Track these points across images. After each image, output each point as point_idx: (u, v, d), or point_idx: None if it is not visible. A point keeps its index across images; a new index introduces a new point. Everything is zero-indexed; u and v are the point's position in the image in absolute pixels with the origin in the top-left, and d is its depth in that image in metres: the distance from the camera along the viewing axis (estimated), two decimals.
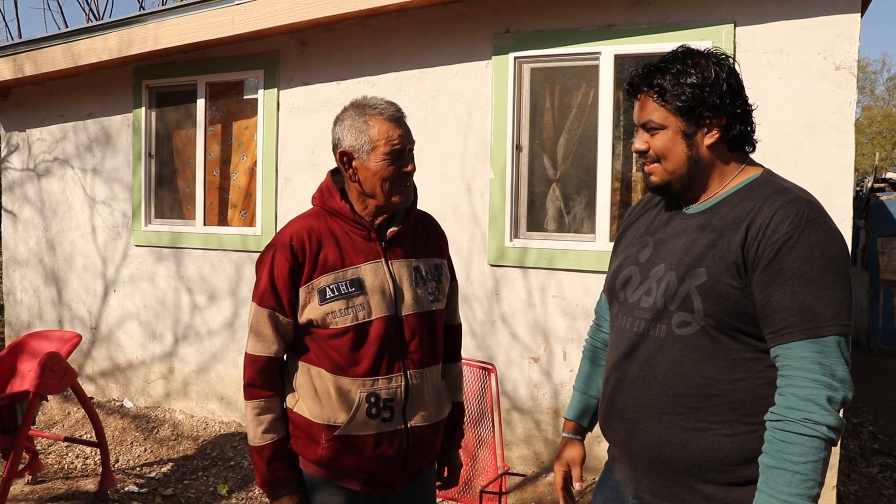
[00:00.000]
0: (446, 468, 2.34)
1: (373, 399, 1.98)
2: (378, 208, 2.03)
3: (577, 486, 2.00)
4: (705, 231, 1.65)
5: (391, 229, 2.07)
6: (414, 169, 2.02)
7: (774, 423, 1.50)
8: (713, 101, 1.66)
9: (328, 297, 1.97)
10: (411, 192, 2.06)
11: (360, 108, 2.00)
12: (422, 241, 2.15)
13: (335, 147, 2.03)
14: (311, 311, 1.98)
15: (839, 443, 3.84)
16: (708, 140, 1.68)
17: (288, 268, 1.98)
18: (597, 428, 1.99)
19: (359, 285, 1.99)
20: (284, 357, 2.09)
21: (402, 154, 1.98)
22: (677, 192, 1.74)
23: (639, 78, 1.73)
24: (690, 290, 1.59)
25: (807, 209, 1.55)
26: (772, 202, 1.58)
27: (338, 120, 2.04)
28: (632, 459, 1.72)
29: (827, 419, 1.46)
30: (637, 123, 1.75)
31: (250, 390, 2.04)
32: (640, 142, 1.74)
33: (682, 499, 1.63)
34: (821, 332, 1.49)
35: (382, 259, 2.04)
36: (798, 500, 1.45)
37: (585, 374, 2.07)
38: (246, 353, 2.06)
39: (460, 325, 2.38)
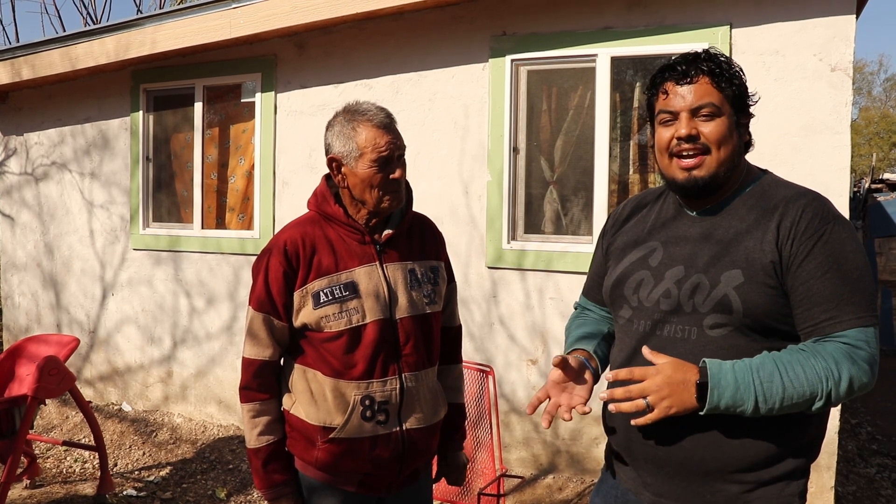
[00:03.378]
0: (450, 468, 2.34)
1: (367, 402, 1.99)
2: (369, 213, 2.04)
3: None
4: (726, 232, 1.64)
5: (386, 232, 2.07)
6: (402, 175, 2.02)
7: (807, 352, 1.52)
8: (748, 97, 1.68)
9: (322, 301, 1.97)
10: (402, 198, 2.06)
11: (350, 114, 2.01)
12: (418, 243, 2.15)
13: (326, 153, 2.05)
14: (305, 315, 1.99)
15: (837, 443, 3.84)
16: (745, 136, 1.70)
17: (282, 272, 1.99)
18: (596, 429, 1.96)
19: (353, 289, 1.99)
20: (281, 360, 2.10)
21: (389, 161, 1.98)
22: (717, 188, 1.65)
23: (692, 61, 1.65)
24: (728, 292, 1.57)
25: (830, 207, 1.61)
26: (796, 200, 1.60)
27: (329, 125, 2.05)
28: (651, 463, 1.68)
29: (838, 391, 1.50)
30: (683, 108, 1.63)
31: (246, 393, 2.05)
32: (689, 127, 1.62)
33: (707, 501, 1.62)
34: (865, 322, 1.53)
35: (377, 262, 2.04)
36: (756, 394, 1.49)
37: (582, 324, 1.96)
38: (243, 356, 2.07)
39: (460, 326, 2.38)
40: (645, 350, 1.56)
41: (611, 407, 1.55)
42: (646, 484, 1.71)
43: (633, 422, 1.54)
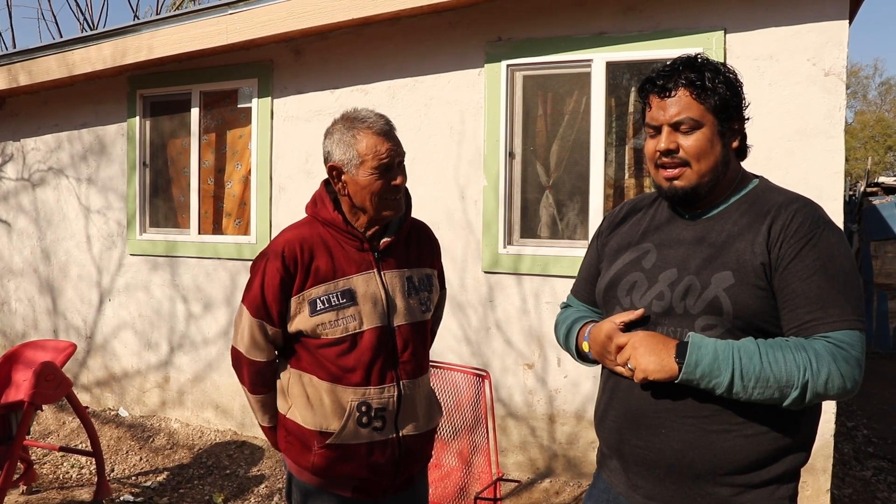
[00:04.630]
0: None
1: (363, 408, 1.99)
2: (370, 220, 2.04)
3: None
4: (719, 236, 1.66)
5: (384, 240, 2.08)
6: (404, 181, 2.02)
7: (790, 343, 1.53)
8: (739, 103, 1.69)
9: (318, 308, 1.98)
10: (402, 205, 2.07)
11: (349, 121, 2.01)
12: (415, 251, 2.16)
13: (325, 160, 2.05)
14: (300, 321, 1.99)
15: (833, 446, 3.85)
16: (734, 144, 1.70)
17: (279, 279, 1.99)
18: (593, 433, 1.96)
19: (350, 296, 2.00)
20: (276, 359, 2.13)
21: (390, 168, 1.98)
22: (700, 197, 1.68)
23: (671, 73, 1.65)
24: (718, 294, 1.58)
25: (821, 212, 1.63)
26: (788, 205, 1.62)
27: (327, 133, 2.05)
28: (641, 466, 1.69)
29: (815, 384, 1.49)
30: (664, 122, 1.65)
31: (254, 388, 2.11)
32: (668, 141, 1.64)
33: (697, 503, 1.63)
34: (850, 325, 1.53)
35: (375, 270, 2.05)
36: (734, 367, 1.50)
37: (578, 312, 1.98)
38: (242, 355, 2.07)
39: (435, 333, 2.40)
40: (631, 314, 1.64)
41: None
42: (636, 486, 1.72)
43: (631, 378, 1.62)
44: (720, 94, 1.64)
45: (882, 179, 10.93)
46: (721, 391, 1.52)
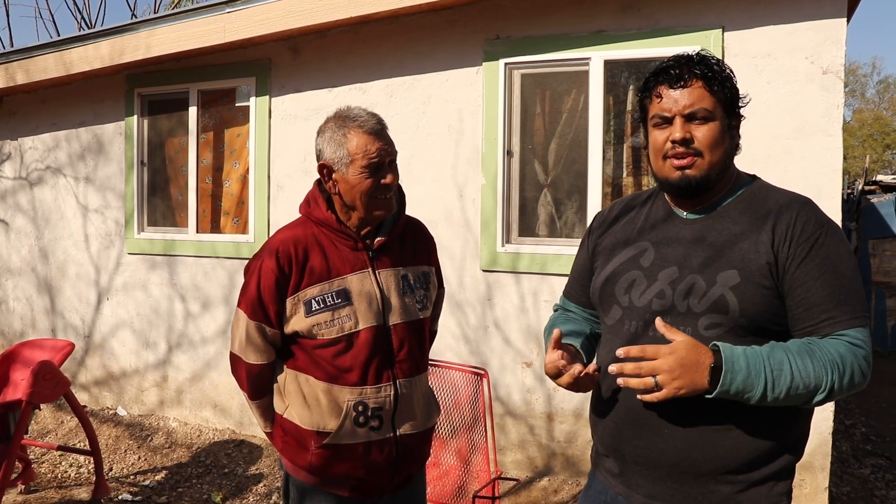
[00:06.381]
0: None
1: (360, 408, 1.99)
2: (361, 220, 2.03)
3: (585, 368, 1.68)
4: (719, 235, 1.65)
5: (378, 238, 2.07)
6: (394, 180, 2.01)
7: (813, 344, 1.54)
8: (739, 100, 1.70)
9: (314, 309, 1.97)
10: (393, 205, 2.06)
11: (341, 119, 2.00)
12: (410, 248, 2.15)
13: (317, 158, 2.05)
14: (296, 322, 1.99)
15: (831, 444, 3.86)
16: (736, 139, 1.72)
17: (274, 279, 1.98)
18: (590, 432, 1.94)
19: (345, 296, 1.99)
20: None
21: (380, 167, 1.98)
22: (708, 188, 1.67)
23: (685, 65, 1.65)
24: (724, 293, 1.59)
25: (821, 212, 1.65)
26: (789, 205, 1.64)
27: (320, 131, 2.05)
28: (641, 465, 1.68)
29: (841, 384, 1.52)
30: (677, 112, 1.64)
31: (254, 393, 2.09)
32: (682, 131, 1.63)
33: (699, 502, 1.63)
34: (861, 322, 1.57)
35: (369, 269, 2.04)
36: (766, 380, 1.49)
37: (566, 320, 1.95)
38: (241, 360, 2.06)
39: (436, 331, 2.39)
40: (658, 323, 1.54)
41: (619, 381, 1.54)
42: (636, 486, 1.71)
43: (639, 396, 1.54)
44: (728, 89, 1.66)
45: (880, 177, 10.94)
46: (753, 402, 1.52)
